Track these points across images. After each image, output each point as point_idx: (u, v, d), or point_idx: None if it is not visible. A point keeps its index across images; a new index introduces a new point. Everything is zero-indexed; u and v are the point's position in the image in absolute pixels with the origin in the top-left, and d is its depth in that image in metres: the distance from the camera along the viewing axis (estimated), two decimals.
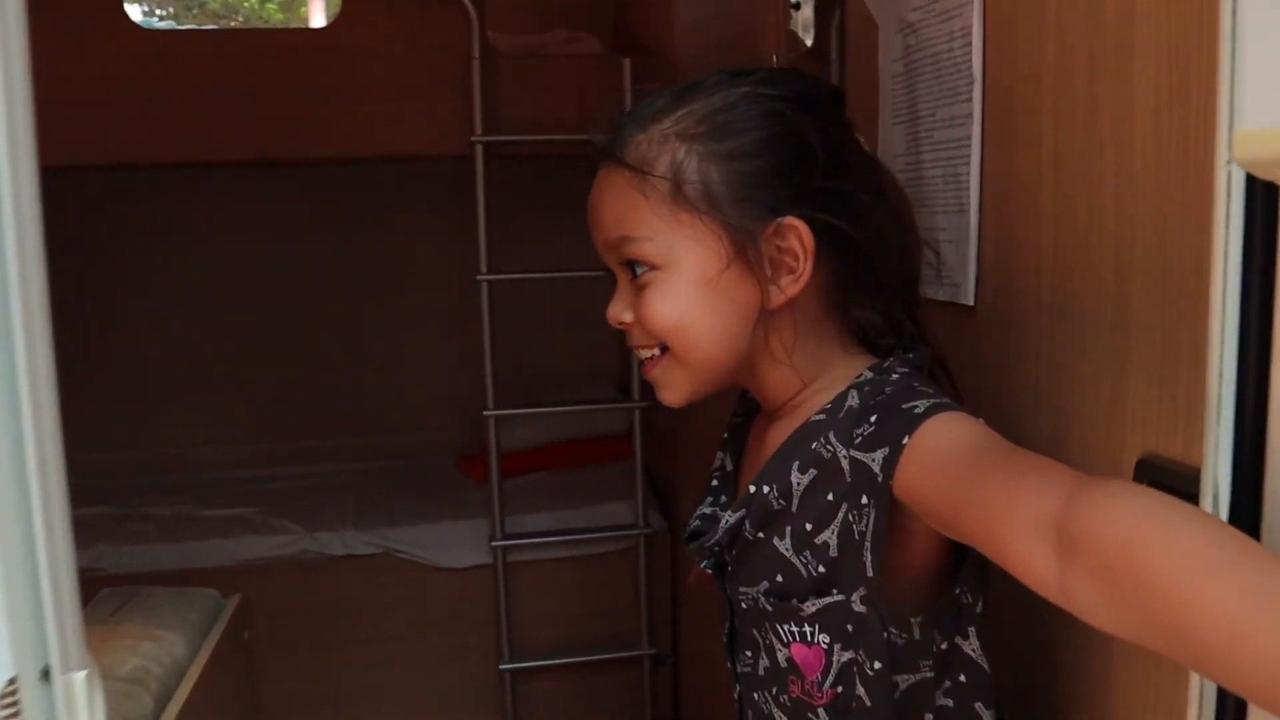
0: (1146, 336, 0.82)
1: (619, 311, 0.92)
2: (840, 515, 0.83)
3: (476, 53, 2.46)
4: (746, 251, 0.86)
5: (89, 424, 3.19)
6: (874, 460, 0.80)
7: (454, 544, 2.64)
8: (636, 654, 2.67)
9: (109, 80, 2.36)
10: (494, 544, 2.57)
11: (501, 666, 2.60)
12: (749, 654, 0.96)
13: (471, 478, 3.03)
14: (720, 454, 1.05)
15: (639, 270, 0.89)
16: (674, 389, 0.93)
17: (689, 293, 0.88)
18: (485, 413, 2.55)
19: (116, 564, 2.55)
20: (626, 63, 2.53)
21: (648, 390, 2.61)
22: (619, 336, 3.40)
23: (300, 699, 2.62)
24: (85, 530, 2.63)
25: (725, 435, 1.07)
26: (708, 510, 1.01)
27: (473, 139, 2.47)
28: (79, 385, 3.20)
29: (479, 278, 2.53)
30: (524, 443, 3.01)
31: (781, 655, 0.90)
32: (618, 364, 3.37)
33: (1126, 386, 0.84)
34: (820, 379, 0.90)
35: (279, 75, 2.45)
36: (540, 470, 3.02)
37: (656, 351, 0.91)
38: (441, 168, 3.11)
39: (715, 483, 1.04)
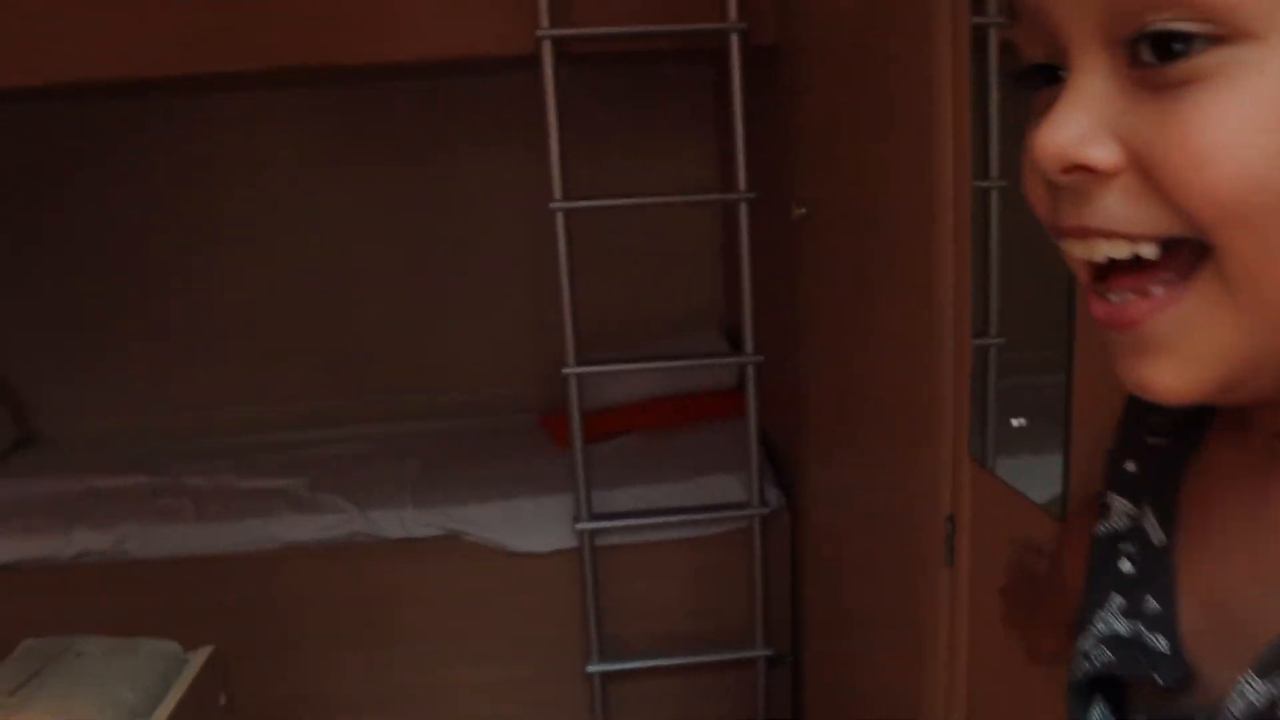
0: None
1: (1075, 135, 0.39)
2: None
3: None
4: None
5: (123, 384, 2.88)
6: None
7: (532, 525, 2.22)
8: (750, 655, 2.23)
9: None
10: (579, 526, 2.14)
11: (589, 668, 2.19)
12: None
13: (555, 440, 2.61)
14: (1126, 504, 0.53)
15: (1175, 48, 0.37)
16: (1195, 350, 0.40)
17: None
18: (565, 370, 2.10)
19: (142, 548, 2.20)
20: None
21: (763, 341, 2.14)
22: (726, 274, 2.76)
23: (350, 702, 2.26)
24: (113, 506, 2.31)
25: (1133, 469, 0.53)
26: (1121, 627, 0.49)
27: (538, 34, 1.98)
28: (110, 342, 2.89)
29: (552, 206, 2.06)
30: (614, 399, 2.58)
31: None
32: (724, 306, 2.89)
33: None
34: None
35: None
36: (634, 432, 2.58)
37: (1151, 251, 0.40)
38: (505, 74, 2.65)
39: (1129, 568, 0.50)
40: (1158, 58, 0.37)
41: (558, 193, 2.07)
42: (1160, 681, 0.46)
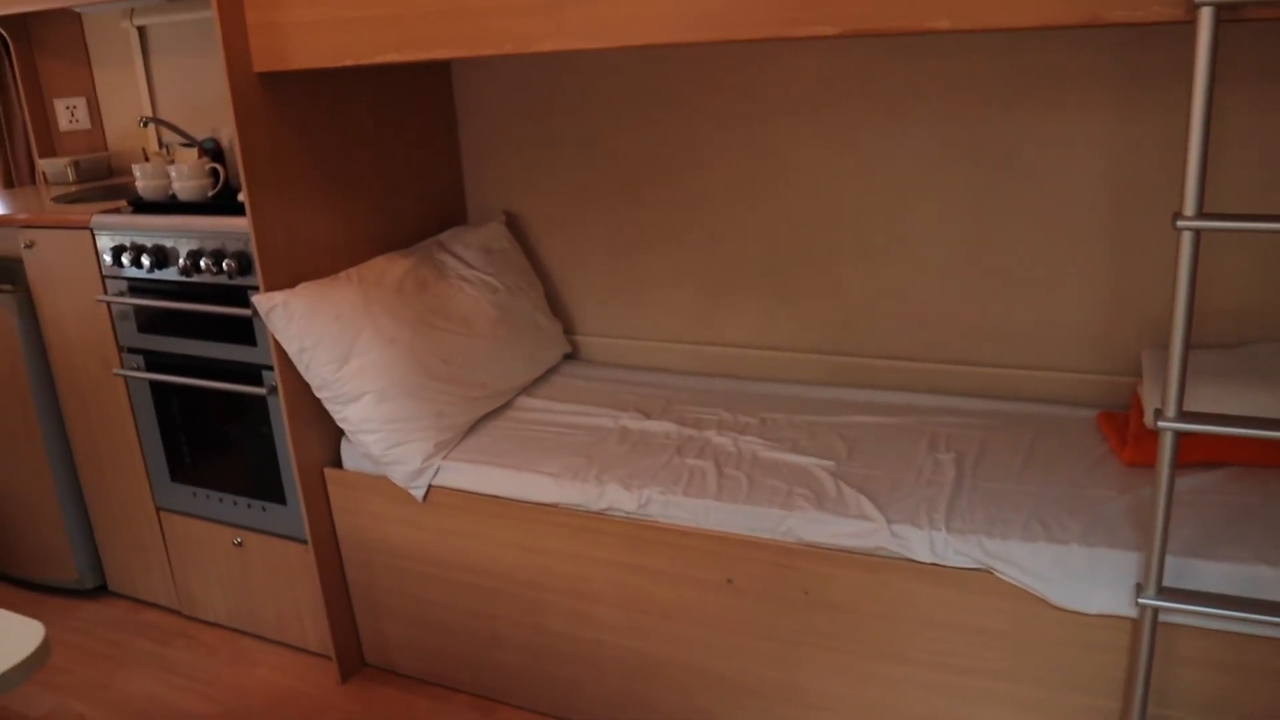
0: None
1: None
2: None
3: None
4: None
5: (653, 314, 2.92)
6: None
7: (1082, 579, 1.91)
8: None
9: None
10: (1142, 600, 1.80)
11: None
12: None
13: (1114, 452, 2.24)
14: None
15: None
16: None
17: None
18: (1161, 424, 1.72)
19: (663, 512, 2.20)
20: None
21: None
22: None
23: (835, 704, 2.15)
24: (642, 460, 2.35)
25: None
26: None
27: None
28: (646, 270, 2.90)
29: (1180, 224, 1.64)
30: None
31: None
32: None
33: None
34: None
35: None
36: (1220, 467, 2.13)
37: None
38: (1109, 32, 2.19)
39: None
40: None
41: (1190, 205, 1.64)
42: None
